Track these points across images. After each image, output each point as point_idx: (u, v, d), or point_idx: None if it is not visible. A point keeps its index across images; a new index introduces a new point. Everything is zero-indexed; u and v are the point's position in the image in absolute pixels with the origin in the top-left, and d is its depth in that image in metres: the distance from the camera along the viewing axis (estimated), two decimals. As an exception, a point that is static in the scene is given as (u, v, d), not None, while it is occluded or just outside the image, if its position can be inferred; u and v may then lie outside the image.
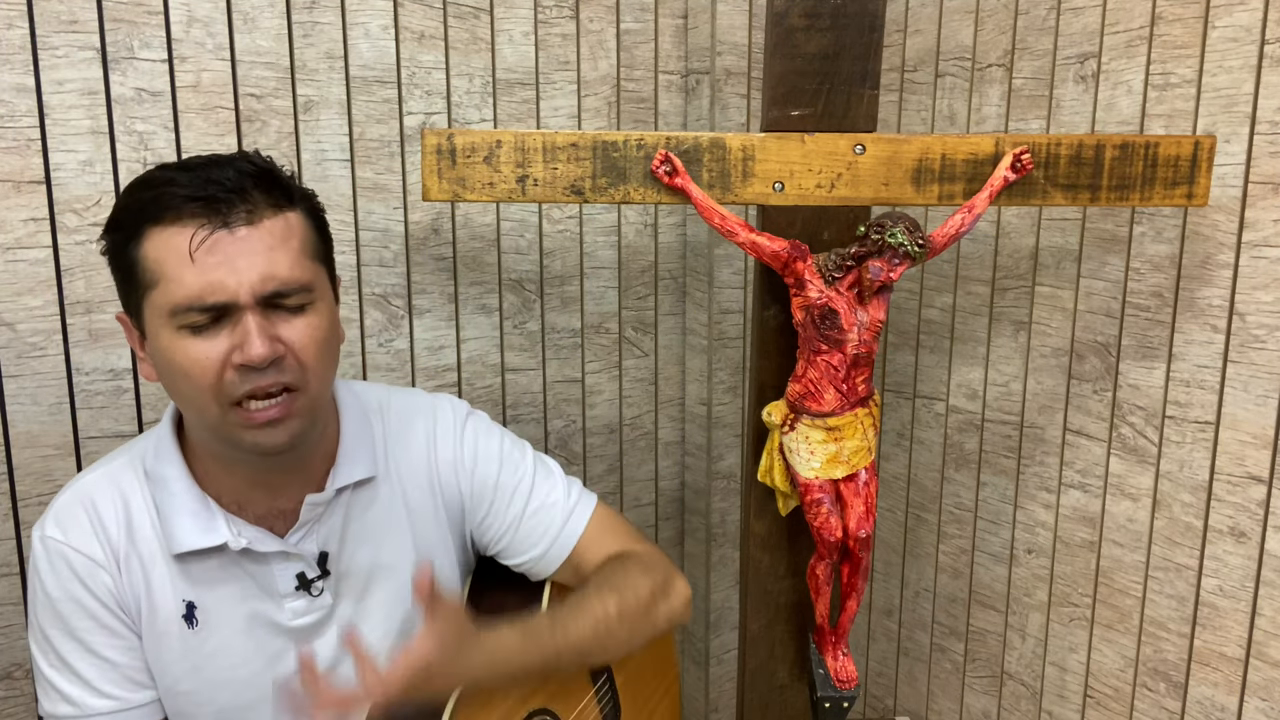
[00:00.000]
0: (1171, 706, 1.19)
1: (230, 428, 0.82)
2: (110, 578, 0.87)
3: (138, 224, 0.80)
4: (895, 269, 0.95)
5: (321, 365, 0.85)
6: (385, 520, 0.97)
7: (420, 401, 1.03)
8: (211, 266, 0.77)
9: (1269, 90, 1.02)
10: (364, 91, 1.26)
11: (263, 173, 0.83)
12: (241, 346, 0.78)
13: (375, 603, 0.97)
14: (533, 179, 1.01)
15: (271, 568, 0.91)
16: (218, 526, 0.88)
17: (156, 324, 0.80)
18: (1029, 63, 1.25)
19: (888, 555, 1.59)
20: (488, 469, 1.01)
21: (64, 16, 1.08)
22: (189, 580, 0.89)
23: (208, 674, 0.90)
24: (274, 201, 0.82)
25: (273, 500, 0.91)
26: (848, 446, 1.02)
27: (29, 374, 1.12)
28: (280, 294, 0.80)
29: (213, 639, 0.90)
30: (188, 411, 0.85)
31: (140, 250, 0.79)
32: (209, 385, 0.79)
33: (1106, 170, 1.04)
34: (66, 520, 0.88)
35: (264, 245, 0.80)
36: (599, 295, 1.50)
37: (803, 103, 1.02)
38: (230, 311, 0.79)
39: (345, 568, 0.94)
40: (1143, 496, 1.19)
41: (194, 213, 0.78)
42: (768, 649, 1.18)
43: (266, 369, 0.80)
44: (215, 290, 0.78)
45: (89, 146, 1.11)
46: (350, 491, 0.94)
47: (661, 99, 1.49)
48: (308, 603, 0.92)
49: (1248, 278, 1.06)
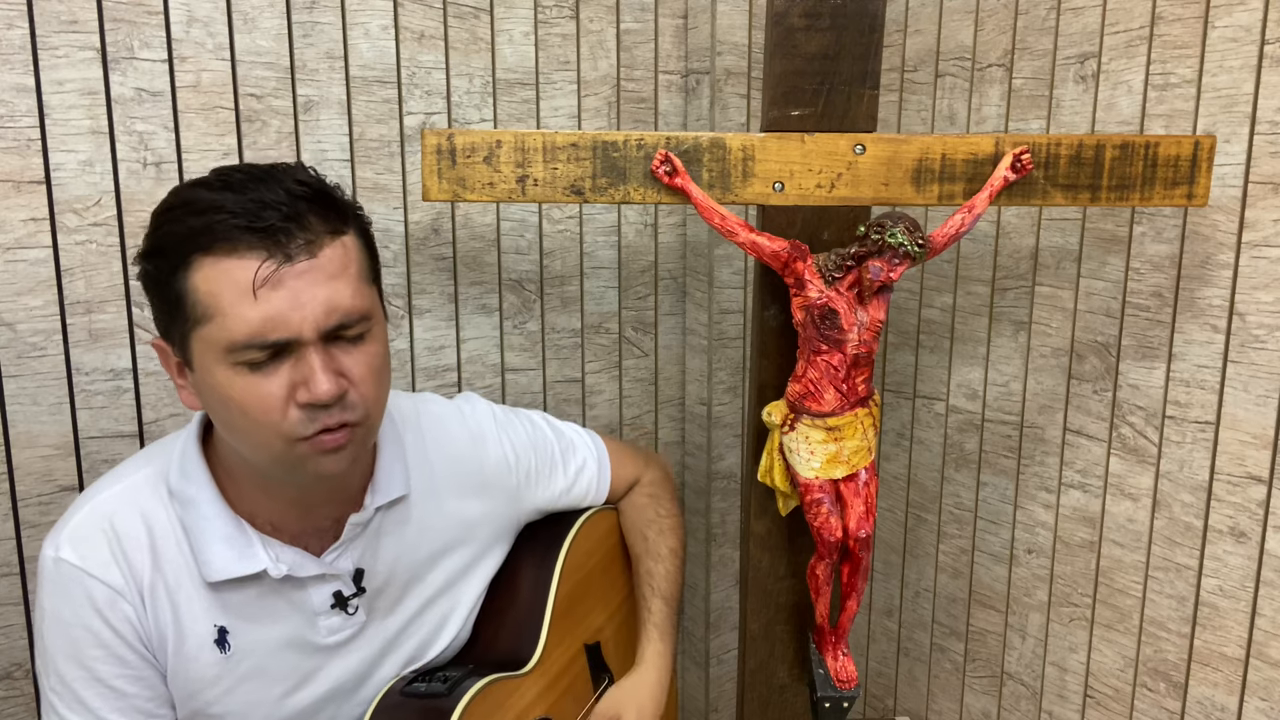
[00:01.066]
0: (1171, 706, 1.19)
1: (295, 459, 0.79)
2: (132, 608, 0.84)
3: (185, 252, 0.75)
4: (895, 269, 0.95)
5: (381, 394, 0.84)
6: (417, 535, 0.96)
7: (446, 410, 1.04)
8: (273, 302, 0.74)
9: (1269, 90, 1.02)
10: (364, 91, 1.26)
11: (316, 194, 0.78)
12: (307, 384, 0.76)
13: (409, 613, 0.97)
14: (533, 179, 1.01)
15: (308, 589, 0.89)
16: (255, 553, 0.85)
17: (209, 359, 0.76)
18: (1029, 63, 1.25)
19: (888, 555, 1.59)
20: (528, 458, 1.06)
21: (64, 16, 1.08)
22: (222, 605, 0.86)
23: (240, 695, 0.88)
24: (331, 227, 0.78)
25: (308, 519, 0.90)
26: (848, 446, 1.02)
27: (29, 374, 1.12)
28: (343, 326, 0.78)
29: (245, 662, 0.88)
30: (243, 445, 0.81)
31: (189, 281, 0.75)
32: (272, 423, 0.77)
33: (1106, 170, 1.04)
34: (83, 544, 0.83)
35: (325, 276, 0.76)
36: (599, 295, 1.50)
37: (803, 103, 1.02)
38: (291, 347, 0.76)
39: (380, 584, 0.94)
40: (1143, 496, 1.19)
41: (250, 244, 0.74)
42: (768, 649, 1.18)
43: (332, 405, 0.78)
44: (278, 327, 0.74)
45: (89, 146, 1.11)
46: (385, 510, 0.94)
47: (661, 99, 1.49)
48: (342, 620, 0.91)
49: (1248, 278, 1.06)
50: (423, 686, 0.92)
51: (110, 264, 1.14)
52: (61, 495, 1.16)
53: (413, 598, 0.97)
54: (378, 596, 0.94)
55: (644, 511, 1.17)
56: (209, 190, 0.76)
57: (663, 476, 1.22)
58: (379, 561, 0.93)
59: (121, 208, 1.14)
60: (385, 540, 0.94)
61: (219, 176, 0.78)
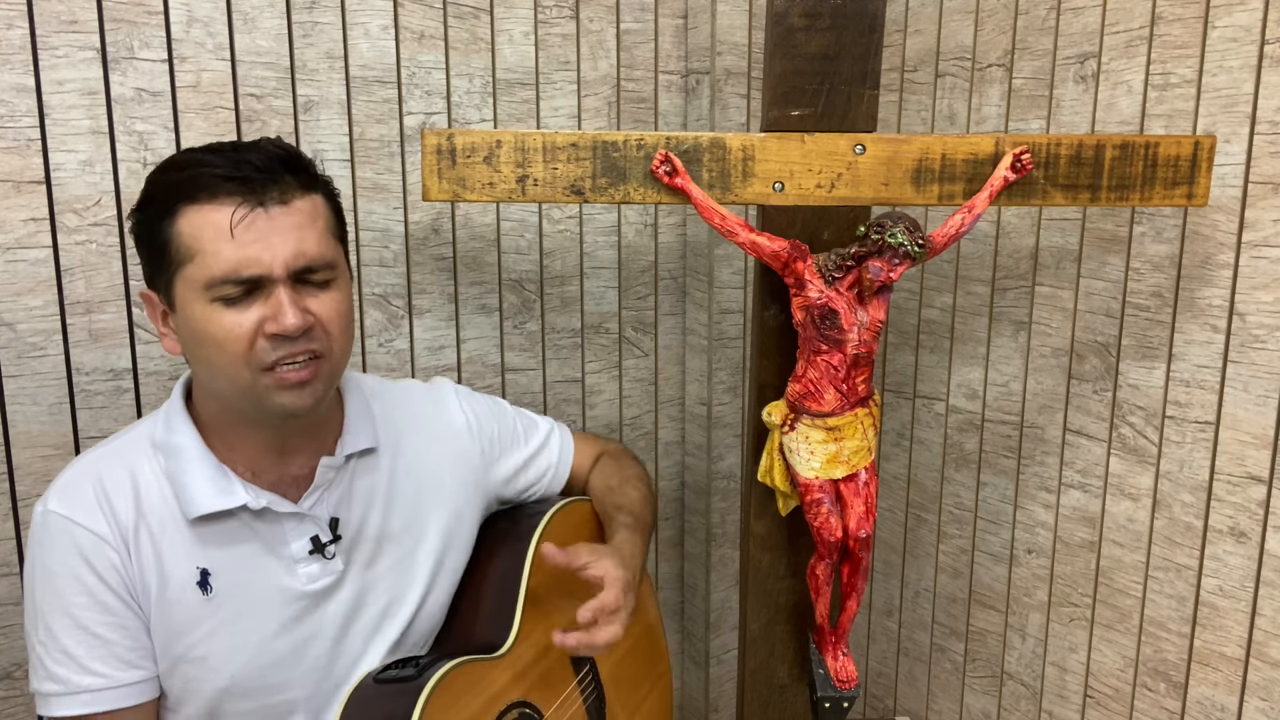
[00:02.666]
0: (1171, 706, 1.19)
1: (261, 390, 0.86)
2: (116, 554, 0.88)
3: (172, 202, 0.84)
4: (895, 269, 0.95)
5: (344, 336, 0.91)
6: (388, 488, 1.02)
7: (415, 386, 1.13)
8: (248, 242, 0.83)
9: (1269, 90, 1.02)
10: (364, 91, 1.26)
11: (290, 156, 0.88)
12: (275, 317, 0.84)
13: (383, 569, 1.01)
14: (533, 179, 1.01)
15: (285, 531, 0.94)
16: (235, 490, 0.91)
17: (189, 296, 0.84)
18: (1029, 63, 1.25)
19: (888, 555, 1.59)
20: (491, 425, 1.13)
21: (64, 16, 1.08)
22: (204, 546, 0.91)
23: (222, 639, 0.91)
24: (302, 183, 0.88)
25: (285, 467, 0.95)
26: (848, 446, 1.02)
27: (29, 374, 1.12)
28: (309, 269, 0.87)
29: (228, 605, 0.91)
30: (216, 379, 0.88)
31: (174, 227, 0.84)
32: (241, 353, 0.84)
33: (1106, 170, 1.04)
34: (71, 495, 0.89)
35: (295, 224, 0.86)
36: (599, 295, 1.50)
37: (803, 103, 1.02)
38: (263, 284, 0.84)
39: (354, 533, 0.99)
40: (1143, 496, 1.19)
41: (230, 191, 0.83)
42: (768, 649, 1.18)
43: (297, 338, 0.85)
44: (251, 264, 0.83)
45: (89, 146, 1.11)
46: (356, 460, 0.99)
47: (661, 99, 1.49)
48: (321, 566, 0.96)
49: (1248, 278, 1.06)
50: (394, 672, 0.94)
51: (110, 264, 1.14)
52: (61, 495, 1.16)
53: (386, 553, 1.01)
54: (354, 547, 0.99)
55: (607, 473, 1.21)
56: (195, 152, 0.88)
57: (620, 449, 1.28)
58: (353, 511, 0.99)
59: (121, 208, 1.14)
60: (358, 491, 0.99)
61: (207, 145, 0.89)
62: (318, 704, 0.97)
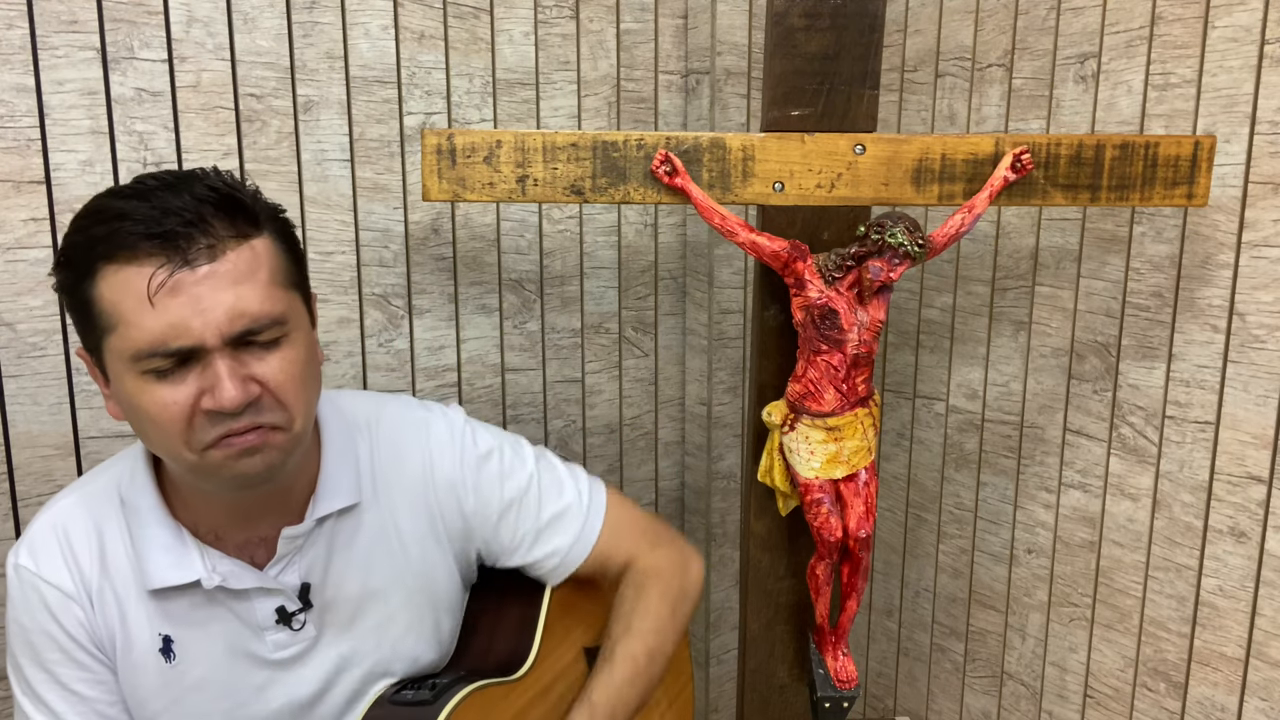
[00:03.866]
0: (1171, 706, 1.19)
1: (209, 466, 0.77)
2: (82, 611, 0.85)
3: (89, 262, 0.74)
4: (895, 269, 0.95)
5: (303, 399, 0.80)
6: (373, 546, 0.92)
7: (413, 415, 0.97)
8: (173, 309, 0.72)
9: (1269, 90, 1.02)
10: (364, 91, 1.26)
11: (223, 198, 0.76)
12: (212, 391, 0.74)
13: (366, 629, 0.93)
14: (533, 179, 1.01)
15: (251, 602, 0.87)
16: (192, 562, 0.84)
17: (119, 368, 0.75)
18: (1029, 63, 1.25)
19: (888, 555, 1.59)
20: (491, 487, 0.96)
21: (64, 16, 1.08)
22: (164, 615, 0.86)
23: (187, 707, 0.87)
24: (237, 230, 0.76)
25: (252, 529, 0.87)
26: (848, 446, 1.02)
27: (29, 374, 1.12)
28: (251, 331, 0.75)
29: (192, 672, 0.87)
30: (162, 455, 0.81)
31: (95, 290, 0.74)
32: (178, 432, 0.75)
33: (1106, 170, 1.04)
34: (39, 550, 0.86)
35: (229, 281, 0.74)
36: (599, 295, 1.50)
37: (803, 103, 1.02)
38: (197, 354, 0.74)
39: (330, 597, 0.90)
40: (1143, 496, 1.19)
41: (149, 251, 0.72)
42: (768, 649, 1.18)
43: (241, 413, 0.75)
44: (179, 334, 0.72)
45: (89, 146, 1.11)
46: (334, 520, 0.90)
47: (661, 99, 1.49)
48: (289, 635, 0.89)
49: (1248, 278, 1.06)
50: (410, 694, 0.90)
51: (110, 264, 1.14)
52: (61, 495, 1.16)
53: (370, 614, 0.92)
54: (328, 611, 0.90)
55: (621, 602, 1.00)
56: (119, 199, 0.75)
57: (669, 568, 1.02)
58: (329, 575, 0.90)
59: (121, 208, 1.14)
60: (337, 552, 0.90)
61: (134, 183, 0.77)
62: None
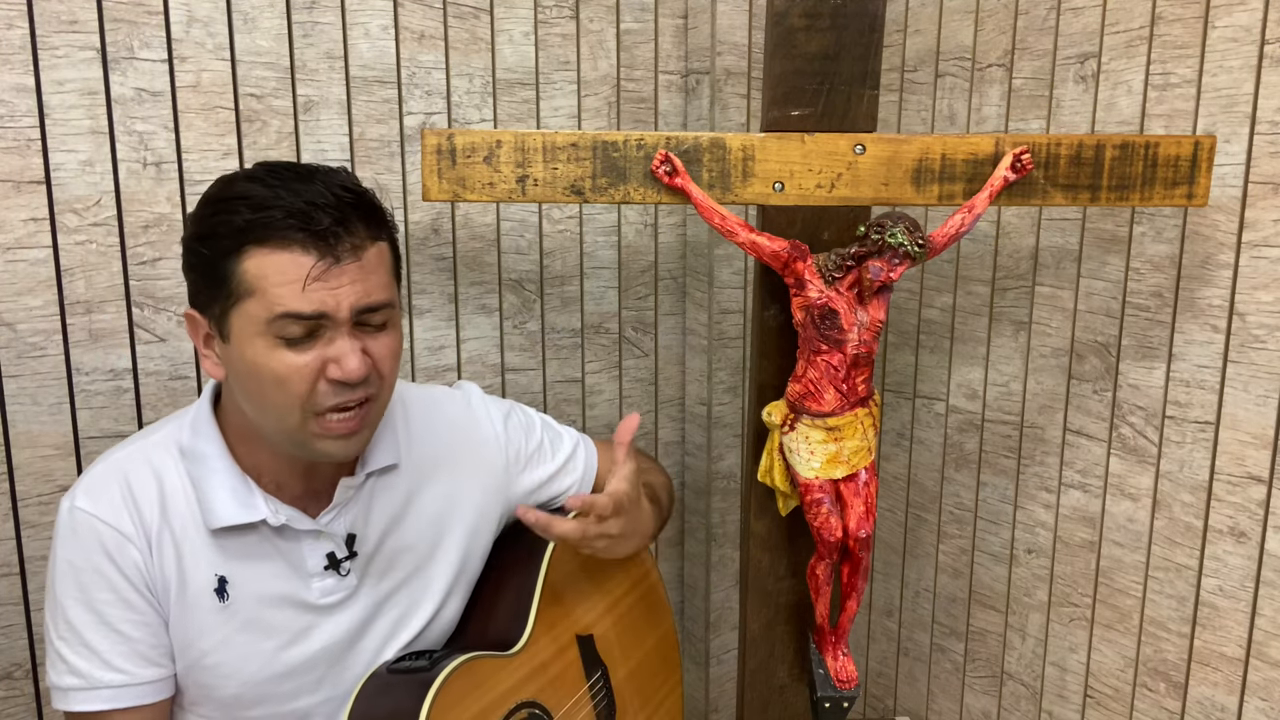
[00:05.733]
0: (1171, 706, 1.19)
1: (307, 436, 0.86)
2: (139, 553, 0.89)
3: (239, 243, 0.82)
4: (895, 269, 0.95)
5: (394, 377, 0.92)
6: (406, 505, 1.01)
7: (435, 392, 1.09)
8: (317, 295, 0.82)
9: (1269, 90, 1.02)
10: (364, 91, 1.26)
11: (363, 202, 0.86)
12: (339, 362, 0.83)
13: (397, 581, 1.01)
14: (533, 179, 1.01)
15: (303, 547, 0.94)
16: (256, 504, 0.91)
17: (248, 331, 0.83)
18: (1029, 63, 1.25)
19: (888, 555, 1.59)
20: (518, 439, 1.11)
21: (64, 16, 1.08)
22: (223, 555, 0.91)
23: (236, 647, 0.92)
24: (372, 233, 0.86)
25: (308, 483, 0.95)
26: (848, 446, 1.02)
27: (29, 374, 1.12)
28: (371, 310, 0.86)
29: (242, 612, 0.92)
30: (263, 415, 0.87)
31: (239, 266, 0.82)
32: (301, 394, 0.83)
33: (1106, 170, 1.04)
34: (98, 492, 0.89)
35: (363, 273, 0.84)
36: (599, 295, 1.50)
37: (803, 103, 1.02)
38: (325, 327, 0.83)
39: (370, 550, 0.98)
40: (1143, 496, 1.19)
41: (304, 244, 0.81)
42: (768, 649, 1.18)
43: (357, 385, 0.85)
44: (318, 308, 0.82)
45: (89, 146, 1.11)
46: (375, 477, 0.99)
47: (661, 99, 1.49)
48: (335, 581, 0.96)
49: (1248, 278, 1.06)
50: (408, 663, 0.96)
51: (110, 264, 1.14)
52: (61, 495, 1.15)
53: (401, 566, 1.01)
54: (369, 561, 0.98)
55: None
56: (262, 186, 0.83)
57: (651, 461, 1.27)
58: (370, 527, 0.98)
59: (121, 208, 1.14)
60: (376, 507, 0.99)
61: (269, 173, 0.84)
62: (329, 710, 0.97)
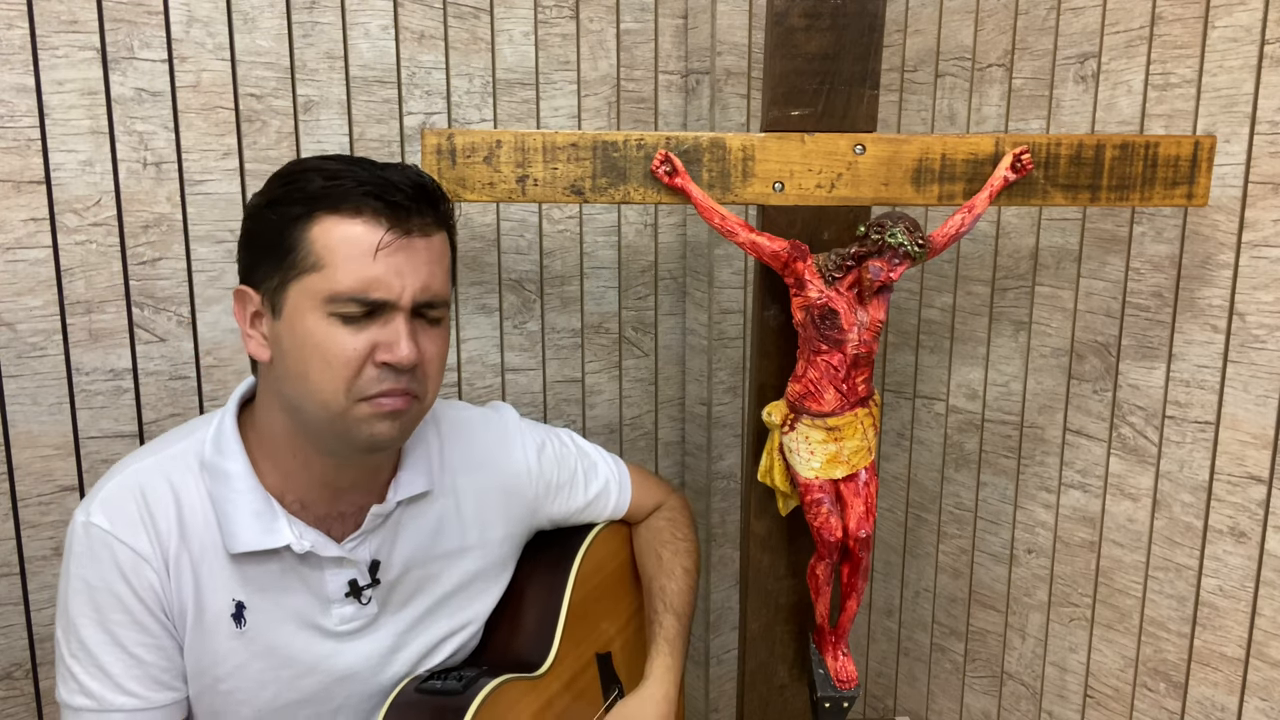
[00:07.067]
0: (1171, 706, 1.19)
1: (351, 419, 0.83)
2: (156, 575, 0.85)
3: (310, 208, 0.81)
4: (895, 269, 0.95)
5: (439, 381, 0.90)
6: (435, 533, 0.99)
7: (472, 414, 1.07)
8: (388, 266, 0.81)
9: (1269, 90, 1.02)
10: (364, 91, 1.26)
11: (431, 189, 0.86)
12: (391, 346, 0.82)
13: (420, 609, 0.98)
14: (533, 179, 1.01)
15: (325, 573, 0.91)
16: (280, 528, 0.88)
17: (305, 305, 0.81)
18: (1029, 63, 1.25)
19: (888, 555, 1.59)
20: (551, 470, 1.08)
21: (64, 16, 1.08)
22: (242, 579, 0.88)
23: (251, 673, 0.90)
24: (439, 220, 0.87)
25: (335, 503, 0.92)
26: (848, 446, 1.02)
27: (29, 374, 1.12)
28: (429, 304, 0.85)
29: (260, 639, 0.89)
30: (307, 396, 0.84)
31: (307, 233, 0.81)
32: (348, 375, 0.82)
33: (1106, 170, 1.04)
34: (114, 510, 0.85)
35: (429, 258, 0.84)
36: (599, 295, 1.50)
37: (803, 103, 1.02)
38: (384, 311, 0.82)
39: (394, 578, 0.96)
40: (1143, 496, 1.19)
41: (377, 211, 0.81)
42: (768, 649, 1.18)
43: (403, 373, 0.83)
44: (382, 288, 0.81)
45: (89, 146, 1.11)
46: (405, 505, 0.96)
47: (661, 99, 1.49)
48: (355, 609, 0.93)
49: (1248, 278, 1.06)
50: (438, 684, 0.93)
51: (110, 264, 1.14)
52: (61, 495, 1.16)
53: (424, 596, 0.98)
54: (391, 590, 0.96)
55: (660, 533, 1.18)
56: (337, 162, 0.84)
57: (682, 505, 1.23)
58: (395, 555, 0.95)
59: (121, 208, 1.14)
60: (403, 535, 0.96)
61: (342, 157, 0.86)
62: None
